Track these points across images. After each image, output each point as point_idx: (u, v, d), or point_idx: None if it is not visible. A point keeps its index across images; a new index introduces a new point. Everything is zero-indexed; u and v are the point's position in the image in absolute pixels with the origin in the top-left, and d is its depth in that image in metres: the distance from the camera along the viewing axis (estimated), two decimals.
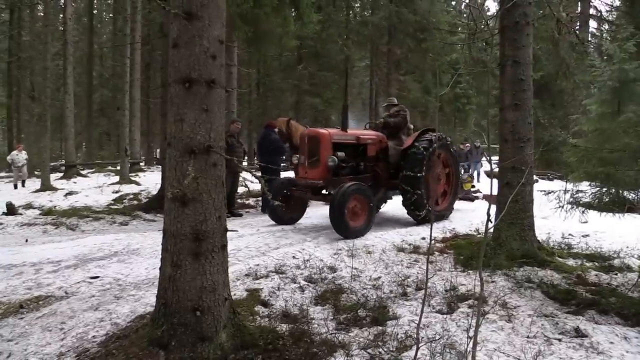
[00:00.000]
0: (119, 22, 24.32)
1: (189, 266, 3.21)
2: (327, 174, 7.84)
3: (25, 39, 26.88)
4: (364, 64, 31.53)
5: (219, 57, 3.27)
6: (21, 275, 5.75)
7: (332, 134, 8.05)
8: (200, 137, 3.16)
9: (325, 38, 23.80)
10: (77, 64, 26.72)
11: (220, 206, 3.32)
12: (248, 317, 4.01)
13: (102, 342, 3.62)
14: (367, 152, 8.53)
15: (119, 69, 20.20)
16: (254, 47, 11.08)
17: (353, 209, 7.28)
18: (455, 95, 29.82)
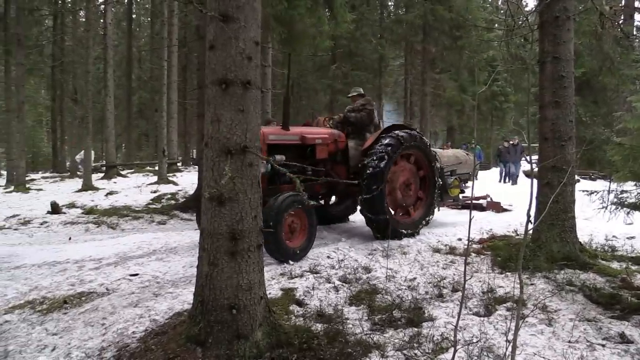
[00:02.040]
0: (156, 25, 24.86)
1: (225, 265, 3.25)
2: (262, 181, 6.91)
3: (68, 44, 27.81)
4: (398, 62, 31.26)
5: (254, 58, 3.30)
6: (65, 272, 5.95)
7: (267, 133, 6.59)
8: (236, 137, 3.20)
9: (359, 37, 23.72)
10: (117, 67, 27.52)
11: (257, 206, 3.35)
12: (283, 316, 4.04)
13: (142, 338, 3.71)
14: (316, 153, 7.12)
15: (157, 71, 20.68)
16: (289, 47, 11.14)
17: (290, 225, 6.08)
18: (493, 93, 29.23)
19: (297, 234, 6.15)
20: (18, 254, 7.22)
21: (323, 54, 14.14)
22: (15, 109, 19.37)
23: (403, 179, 7.48)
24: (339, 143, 7.48)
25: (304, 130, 7.30)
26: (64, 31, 27.35)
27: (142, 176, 21.96)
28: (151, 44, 27.13)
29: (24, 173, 18.71)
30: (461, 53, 22.82)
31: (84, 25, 21.03)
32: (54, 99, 28.33)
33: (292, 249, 5.95)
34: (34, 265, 6.36)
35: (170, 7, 18.44)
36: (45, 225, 9.96)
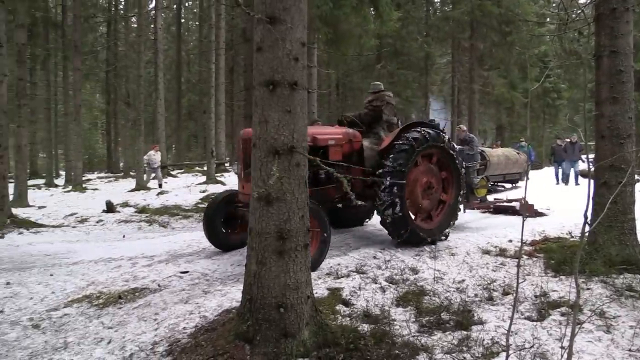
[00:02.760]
0: (204, 29, 25.48)
1: (273, 264, 3.29)
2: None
3: (120, 50, 28.93)
4: (445, 60, 30.75)
5: (301, 59, 3.32)
6: (119, 268, 6.19)
7: None
8: (284, 138, 3.24)
9: (404, 35, 23.49)
10: (166, 71, 28.40)
11: (303, 206, 3.38)
12: (329, 316, 4.04)
13: (192, 334, 3.80)
14: (329, 155, 6.48)
15: (205, 74, 21.18)
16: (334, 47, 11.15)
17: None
18: (544, 89, 28.26)
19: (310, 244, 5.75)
20: (76, 250, 7.58)
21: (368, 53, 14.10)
22: (72, 113, 20.31)
23: (424, 181, 6.92)
24: (354, 143, 6.86)
25: (316, 130, 6.66)
26: (117, 37, 28.47)
27: (192, 176, 22.56)
28: (199, 48, 27.83)
29: (80, 173, 19.60)
30: (511, 49, 22.16)
31: (136, 31, 21.81)
32: (108, 102, 29.55)
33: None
34: (90, 262, 6.65)
35: (217, 11, 18.84)
36: (100, 224, 10.40)
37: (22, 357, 3.72)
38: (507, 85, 24.92)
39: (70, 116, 20.85)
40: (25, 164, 15.65)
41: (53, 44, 24.66)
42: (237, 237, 6.80)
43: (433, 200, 7.08)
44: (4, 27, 9.95)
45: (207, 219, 6.61)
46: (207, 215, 6.65)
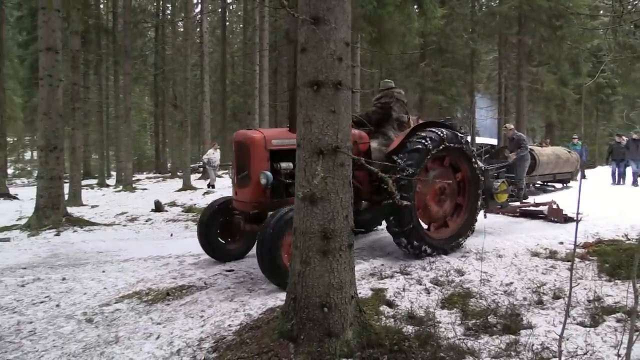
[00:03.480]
0: (248, 31, 25.87)
1: (317, 263, 3.30)
2: (262, 194, 5.54)
3: (168, 53, 29.79)
4: (491, 57, 30.00)
5: (345, 59, 3.32)
6: (167, 266, 6.37)
7: (269, 137, 5.66)
8: (328, 138, 3.24)
9: (449, 33, 23.05)
10: (212, 73, 28.98)
11: (348, 205, 3.37)
12: (373, 317, 4.02)
13: (237, 331, 3.87)
14: None
15: (249, 75, 21.51)
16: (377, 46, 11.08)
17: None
18: (598, 85, 27.10)
19: None
20: (127, 248, 7.86)
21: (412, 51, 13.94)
22: (123, 115, 21.07)
23: (436, 186, 6.33)
24: (359, 145, 6.22)
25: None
26: (164, 41, 29.32)
27: None
28: (243, 50, 28.26)
29: (131, 174, 20.31)
30: (561, 44, 21.35)
31: (182, 35, 22.39)
32: (156, 104, 30.46)
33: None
34: (140, 259, 6.88)
35: (261, 13, 19.08)
36: (149, 222, 10.74)
37: (76, 350, 3.89)
38: (557, 82, 24.04)
39: (121, 118, 21.64)
40: (79, 165, 16.35)
41: (105, 49, 25.65)
42: (235, 246, 6.49)
43: (448, 206, 6.51)
44: (60, 35, 10.40)
45: (202, 228, 6.25)
46: (201, 224, 6.27)
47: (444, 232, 6.40)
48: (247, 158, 5.63)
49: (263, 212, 5.66)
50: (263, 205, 5.61)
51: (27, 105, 25.42)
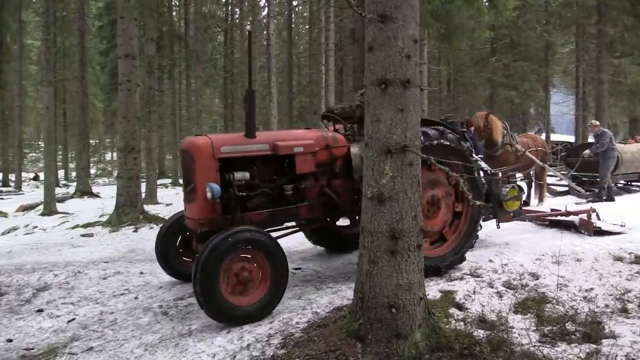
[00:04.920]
0: (314, 32, 26.10)
1: (385, 263, 3.28)
2: (210, 210, 4.70)
3: (236, 56, 30.63)
4: (568, 49, 28.40)
5: (413, 56, 3.27)
6: None
7: (218, 143, 4.84)
8: (396, 137, 3.21)
9: (521, 25, 22.12)
10: (279, 75, 29.50)
11: (416, 205, 3.32)
12: (442, 319, 3.93)
13: (304, 329, 3.91)
14: (296, 167, 5.17)
15: (315, 76, 21.70)
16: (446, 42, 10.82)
17: (238, 275, 4.35)
18: None
19: (253, 285, 4.43)
20: None
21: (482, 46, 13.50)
22: (194, 117, 21.93)
23: (427, 196, 5.39)
24: (333, 150, 5.43)
25: (278, 135, 5.48)
26: (233, 45, 30.17)
27: None
28: (309, 50, 28.55)
29: None
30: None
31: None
32: (225, 106, 31.41)
33: (242, 309, 4.27)
34: None
35: (326, 13, 19.19)
36: None
37: (153, 340, 4.09)
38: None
39: (193, 120, 22.54)
40: (155, 165, 17.21)
41: (177, 54, 26.80)
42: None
43: (443, 217, 5.60)
44: (137, 42, 10.98)
45: (159, 244, 5.65)
46: (159, 240, 5.67)
47: (441, 248, 5.55)
48: (192, 168, 4.81)
49: (214, 230, 4.59)
50: (213, 223, 4.72)
51: (107, 109, 27.09)
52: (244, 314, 4.26)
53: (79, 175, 21.48)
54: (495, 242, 6.76)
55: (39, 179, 31.17)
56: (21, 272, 6.54)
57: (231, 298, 4.28)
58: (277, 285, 4.46)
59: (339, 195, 5.43)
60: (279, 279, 4.47)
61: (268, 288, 4.42)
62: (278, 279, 4.46)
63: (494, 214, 6.42)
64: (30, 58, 32.16)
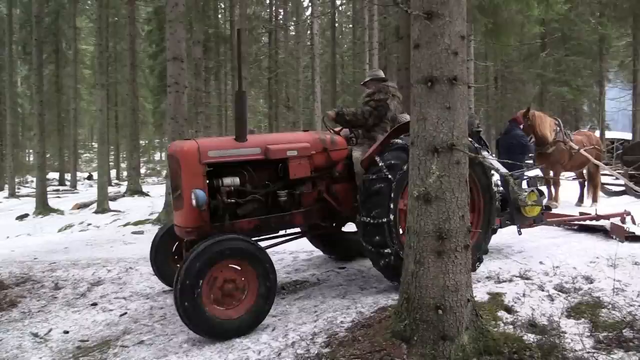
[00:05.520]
0: (357, 31, 26.04)
1: (431, 264, 3.24)
2: (198, 218, 4.47)
3: (281, 57, 30.96)
4: (624, 42, 27.08)
5: (460, 53, 3.21)
6: (282, 261, 6.62)
7: (205, 147, 4.59)
8: (443, 135, 3.16)
9: (573, 18, 21.24)
10: (322, 74, 29.61)
11: (464, 205, 3.26)
12: (490, 322, 3.84)
13: (349, 328, 3.91)
14: (290, 172, 4.91)
15: (359, 74, 21.66)
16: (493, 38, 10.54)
17: (222, 287, 4.13)
18: None
19: (238, 297, 4.20)
20: None
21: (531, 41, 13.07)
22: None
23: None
24: (332, 153, 5.18)
25: (270, 138, 5.25)
26: (277, 45, 30.49)
27: None
28: (353, 49, 28.54)
29: None
30: None
31: (294, 39, 23.14)
32: (270, 106, 31.80)
33: (225, 322, 4.07)
34: None
35: (370, 11, 19.10)
36: None
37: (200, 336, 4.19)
38: None
39: None
40: None
41: (223, 56, 27.33)
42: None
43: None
44: (184, 45, 11.27)
45: (153, 252, 5.53)
46: (153, 248, 5.53)
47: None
48: (178, 174, 4.60)
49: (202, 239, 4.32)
50: (200, 231, 4.48)
51: (156, 110, 27.91)
52: (228, 327, 4.06)
53: (129, 174, 22.29)
54: (544, 244, 6.52)
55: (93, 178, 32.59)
56: (77, 267, 6.86)
57: (214, 310, 4.05)
58: (264, 298, 4.21)
59: (339, 202, 5.19)
60: (267, 290, 4.21)
61: (255, 300, 4.19)
62: (265, 291, 4.20)
63: (511, 220, 5.99)
64: (84, 62, 33.59)
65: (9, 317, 5.18)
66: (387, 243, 4.58)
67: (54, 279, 6.44)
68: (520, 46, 18.36)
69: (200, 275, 3.94)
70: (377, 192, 4.61)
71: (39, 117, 17.23)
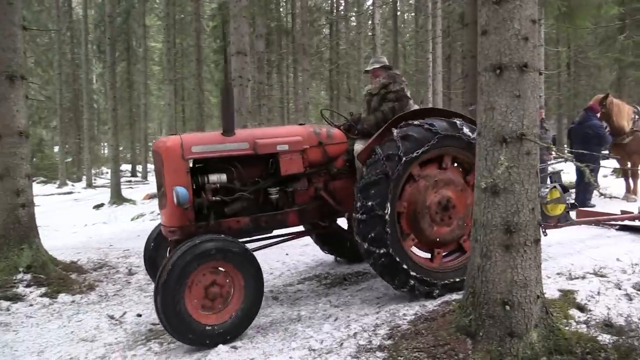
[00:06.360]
0: (420, 19, 25.53)
1: (499, 258, 3.13)
2: (182, 217, 4.28)
3: (342, 48, 30.89)
4: None
5: (531, 38, 3.07)
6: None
7: (189, 143, 4.37)
8: (512, 124, 3.04)
9: None
10: None
11: (534, 197, 3.13)
12: (561, 320, 3.66)
13: (411, 321, 3.87)
14: (281, 168, 4.61)
15: (422, 64, 21.25)
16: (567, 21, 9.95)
17: (207, 290, 3.95)
18: None
19: (224, 302, 4.01)
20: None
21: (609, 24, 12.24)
22: (302, 109, 22.50)
23: (435, 198, 4.51)
24: (328, 147, 4.87)
25: (260, 132, 4.91)
26: (338, 37, 30.46)
27: None
28: (415, 38, 28.01)
29: None
30: None
31: (355, 29, 22.99)
32: (331, 98, 31.86)
33: (210, 328, 3.89)
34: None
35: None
36: None
37: (264, 323, 4.30)
38: None
39: (300, 113, 23.13)
40: None
41: (285, 49, 27.63)
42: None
43: (460, 223, 4.64)
44: (248, 39, 11.48)
45: (146, 252, 5.43)
46: (147, 247, 5.43)
47: (458, 260, 4.69)
48: (161, 171, 4.40)
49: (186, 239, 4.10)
50: (184, 231, 4.27)
51: None
52: (212, 333, 3.87)
53: None
54: (622, 239, 6.14)
55: None
56: None
57: (198, 316, 3.86)
58: (250, 302, 4.02)
59: (338, 200, 4.87)
60: (253, 294, 4.03)
61: (240, 305, 4.00)
62: (251, 295, 4.02)
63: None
64: (153, 59, 35.07)
65: (87, 299, 5.55)
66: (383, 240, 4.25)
67: (128, 265, 6.82)
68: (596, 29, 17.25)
69: (183, 279, 3.76)
70: (375, 184, 4.27)
71: (112, 112, 18.21)
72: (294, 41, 26.74)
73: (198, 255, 3.82)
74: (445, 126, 4.47)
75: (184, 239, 4.09)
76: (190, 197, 4.18)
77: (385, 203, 4.24)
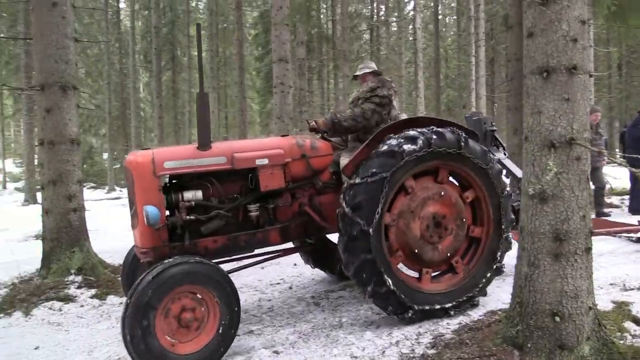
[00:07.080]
0: (462, 22, 25.15)
1: (547, 267, 3.03)
2: (154, 238, 3.96)
3: (382, 53, 30.81)
4: None
5: (580, 39, 2.97)
6: None
7: (161, 158, 4.02)
8: (560, 129, 2.94)
9: None
10: (425, 69, 28.98)
11: (585, 204, 3.01)
12: (615, 333, 3.51)
13: (455, 330, 3.79)
14: (261, 183, 4.25)
15: (464, 68, 20.91)
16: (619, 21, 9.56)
17: (180, 317, 3.61)
18: None
19: (197, 329, 3.68)
20: None
21: None
22: None
23: (427, 212, 4.20)
24: (312, 160, 4.53)
25: (238, 145, 4.49)
26: (379, 42, 30.39)
27: None
28: (458, 42, 27.58)
29: None
30: None
31: (396, 34, 22.86)
32: None
33: (185, 358, 3.58)
34: None
35: (476, 1, 18.35)
36: None
37: (306, 329, 4.30)
38: None
39: None
40: None
41: (325, 55, 27.78)
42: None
43: (453, 242, 4.33)
44: (289, 47, 11.60)
45: (125, 268, 5.04)
46: (125, 266, 5.04)
47: (448, 281, 4.39)
48: (132, 188, 4.07)
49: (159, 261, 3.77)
50: (157, 253, 3.95)
51: (263, 110, 29.14)
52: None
53: None
54: None
55: None
56: None
57: (169, 345, 3.56)
58: (227, 327, 3.70)
59: (324, 216, 4.53)
60: (228, 319, 3.71)
61: (215, 331, 3.68)
62: (227, 320, 3.70)
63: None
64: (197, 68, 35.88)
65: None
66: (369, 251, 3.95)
67: None
68: None
69: (152, 306, 3.45)
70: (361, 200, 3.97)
71: (158, 120, 18.80)
72: (334, 47, 26.84)
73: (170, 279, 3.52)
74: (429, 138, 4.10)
75: (157, 261, 3.80)
76: (162, 217, 3.90)
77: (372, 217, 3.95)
